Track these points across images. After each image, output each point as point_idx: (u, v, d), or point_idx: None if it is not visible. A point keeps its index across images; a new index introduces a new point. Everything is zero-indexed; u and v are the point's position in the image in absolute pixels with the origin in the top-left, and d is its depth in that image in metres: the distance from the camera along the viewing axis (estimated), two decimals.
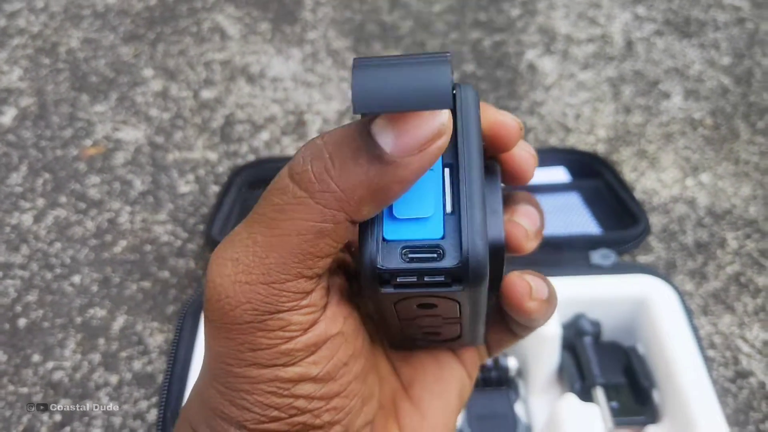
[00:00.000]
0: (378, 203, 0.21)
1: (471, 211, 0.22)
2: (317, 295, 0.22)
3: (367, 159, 0.20)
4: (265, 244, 0.21)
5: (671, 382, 0.48)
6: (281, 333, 0.22)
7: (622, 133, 0.77)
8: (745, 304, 0.61)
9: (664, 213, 0.69)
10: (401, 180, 0.20)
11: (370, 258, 0.21)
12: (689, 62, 0.86)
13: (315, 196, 0.21)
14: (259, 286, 0.21)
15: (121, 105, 0.80)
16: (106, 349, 0.59)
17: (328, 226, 0.21)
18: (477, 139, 0.23)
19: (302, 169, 0.21)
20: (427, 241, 0.22)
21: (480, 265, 0.21)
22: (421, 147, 0.20)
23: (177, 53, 0.86)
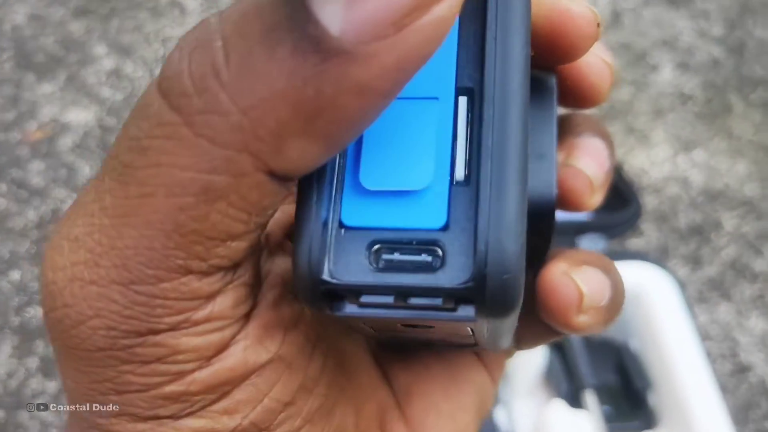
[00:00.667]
0: (319, 136, 0.12)
1: (499, 180, 0.12)
2: (227, 300, 0.14)
3: (293, 47, 0.11)
4: (117, 211, 0.13)
5: (669, 383, 0.44)
6: (162, 367, 0.13)
7: (609, 109, 0.72)
8: (743, 291, 0.57)
9: (655, 193, 0.64)
10: (363, 89, 0.11)
11: (308, 260, 0.13)
12: (678, 33, 0.81)
13: (193, 121, 0.12)
14: (113, 289, 0.13)
15: (70, 85, 0.74)
16: (45, 352, 0.53)
17: (222, 180, 0.12)
18: (522, 40, 0.13)
19: (175, 70, 0.12)
20: (416, 233, 0.13)
21: (507, 284, 0.12)
22: (399, 21, 0.11)
23: (132, 29, 0.81)
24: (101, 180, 0.13)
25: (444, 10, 0.11)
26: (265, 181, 0.12)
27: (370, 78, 0.11)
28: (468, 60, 0.13)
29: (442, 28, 0.11)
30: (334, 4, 0.11)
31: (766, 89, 0.75)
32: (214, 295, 0.13)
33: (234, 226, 0.13)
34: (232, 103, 0.11)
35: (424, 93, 0.13)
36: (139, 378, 0.13)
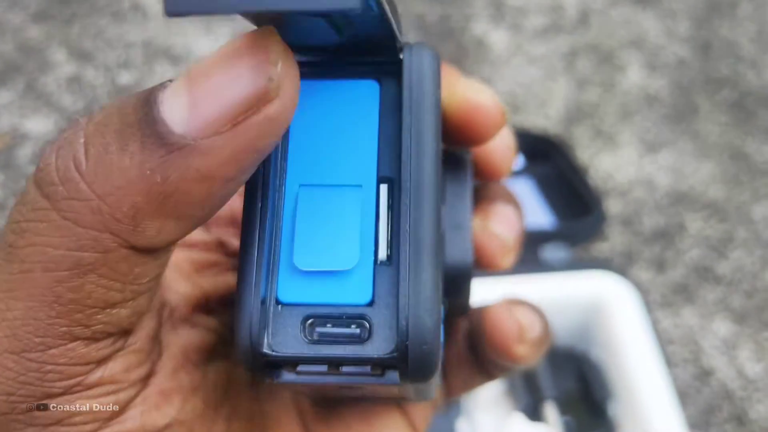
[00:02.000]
0: (172, 216, 0.13)
1: (417, 259, 0.14)
2: (119, 365, 0.15)
3: (141, 142, 0.13)
4: (3, 287, 0.14)
5: (628, 393, 0.44)
6: (62, 429, 0.14)
7: (576, 111, 0.72)
8: (706, 295, 0.58)
9: (620, 197, 0.64)
10: (204, 176, 0.13)
11: (248, 331, 0.14)
12: (645, 33, 0.81)
13: (60, 207, 0.13)
14: (6, 357, 0.14)
15: (28, 92, 0.73)
16: None
17: (90, 256, 0.13)
18: (433, 133, 0.15)
19: (45, 162, 0.13)
20: (345, 308, 0.14)
21: (426, 353, 0.14)
22: (233, 117, 0.12)
23: (93, 34, 0.79)
24: None
25: (274, 110, 0.13)
26: (129, 254, 0.14)
27: (210, 167, 0.13)
28: (387, 151, 0.15)
29: (274, 125, 0.13)
30: (177, 105, 0.13)
31: (731, 90, 0.75)
32: (105, 360, 0.15)
33: (109, 295, 0.14)
34: (91, 191, 0.13)
35: (349, 181, 0.15)
36: None
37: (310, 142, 0.15)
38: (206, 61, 0.13)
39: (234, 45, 0.13)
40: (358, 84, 0.16)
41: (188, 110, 0.12)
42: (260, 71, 0.12)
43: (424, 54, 0.15)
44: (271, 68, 0.12)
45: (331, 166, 0.15)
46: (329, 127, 0.15)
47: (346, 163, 0.15)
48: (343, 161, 0.15)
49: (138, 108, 0.13)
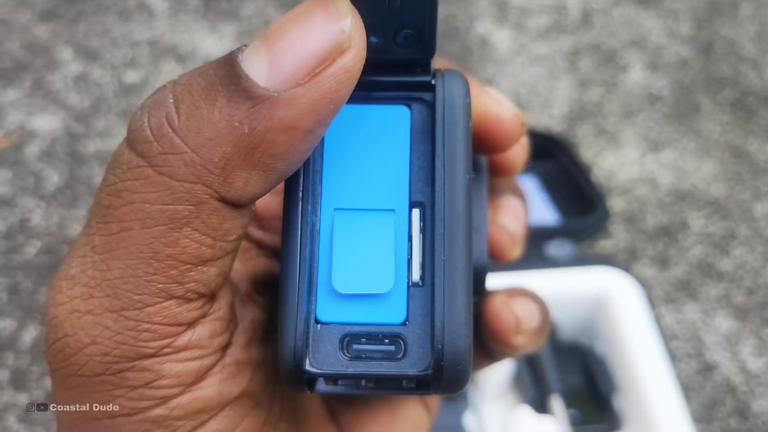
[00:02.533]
0: (260, 168, 0.14)
1: (451, 283, 0.15)
2: (205, 330, 0.16)
3: (229, 97, 0.13)
4: (104, 247, 0.14)
5: (633, 386, 0.44)
6: (148, 391, 0.15)
7: (579, 110, 0.73)
8: (709, 291, 0.58)
9: (624, 195, 0.65)
10: (288, 126, 0.14)
11: (292, 350, 0.15)
12: (647, 33, 0.82)
13: (155, 163, 0.14)
14: (106, 317, 0.15)
15: (36, 91, 0.73)
16: (16, 364, 0.53)
17: (184, 209, 0.14)
18: (465, 161, 0.15)
19: (137, 125, 0.14)
20: (381, 327, 0.15)
21: (459, 372, 0.15)
22: (311, 69, 0.13)
23: (99, 33, 0.79)
24: (90, 225, 0.15)
25: (347, 61, 0.14)
26: (220, 208, 0.14)
27: (292, 117, 0.14)
28: (419, 177, 0.16)
29: (348, 75, 0.14)
30: (258, 61, 0.13)
31: (732, 89, 0.76)
32: (193, 323, 0.15)
33: (202, 251, 0.15)
34: (184, 144, 0.14)
35: (382, 205, 0.16)
36: (129, 402, 0.15)
37: (343, 166, 0.16)
38: (281, 20, 0.14)
39: (306, 4, 0.13)
40: (390, 109, 0.16)
41: (269, 65, 0.13)
42: (332, 24, 0.13)
43: (455, 81, 0.16)
44: (342, 21, 0.13)
45: (364, 190, 0.16)
46: (362, 152, 0.16)
47: (378, 187, 0.16)
48: (375, 186, 0.16)
49: (220, 68, 0.14)
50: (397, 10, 0.15)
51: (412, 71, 0.16)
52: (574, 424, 0.45)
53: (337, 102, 0.14)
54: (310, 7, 0.13)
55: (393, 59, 0.16)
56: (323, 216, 0.16)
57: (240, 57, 0.14)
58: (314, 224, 0.16)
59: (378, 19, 0.15)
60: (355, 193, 0.16)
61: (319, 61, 0.13)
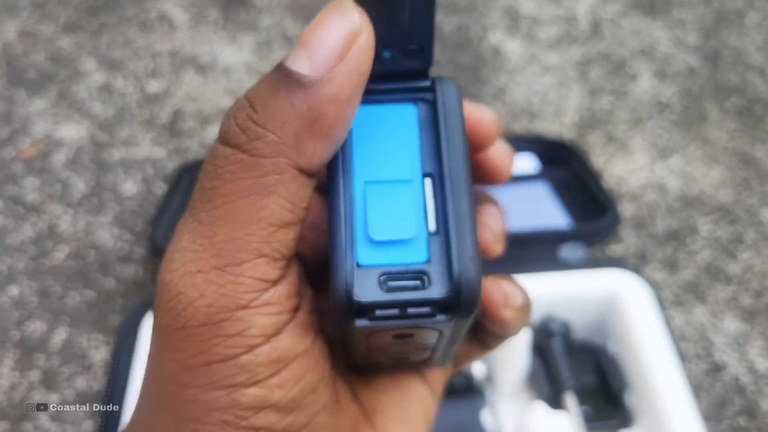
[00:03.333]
0: (321, 136, 0.19)
1: (460, 229, 0.19)
2: (283, 290, 0.19)
3: (288, 89, 0.18)
4: (210, 219, 0.19)
5: (644, 383, 0.46)
6: (240, 339, 0.19)
7: (589, 118, 0.74)
8: (717, 294, 0.60)
9: (634, 200, 0.66)
10: (333, 98, 0.18)
11: (345, 287, 0.19)
12: (655, 43, 0.83)
13: (247, 149, 0.18)
14: (212, 273, 0.18)
15: (61, 101, 0.75)
16: (47, 365, 0.55)
17: (272, 179, 0.18)
18: (462, 140, 0.20)
19: (227, 127, 0.19)
20: (409, 267, 0.19)
21: (474, 293, 0.19)
22: (339, 54, 0.18)
23: (122, 44, 0.82)
24: (195, 207, 0.19)
25: (363, 39, 0.18)
26: (297, 175, 0.19)
27: (334, 90, 0.18)
28: (427, 155, 0.20)
29: (366, 51, 0.18)
30: (300, 60, 0.18)
31: (740, 97, 0.77)
32: (275, 282, 0.19)
33: (284, 214, 0.19)
34: (265, 130, 0.18)
35: (402, 177, 0.20)
36: (224, 349, 0.19)
37: (369, 150, 0.21)
38: (308, 29, 0.18)
39: (323, 11, 0.18)
40: (401, 108, 0.21)
41: (308, 60, 0.18)
42: (346, 19, 0.18)
43: (450, 84, 0.21)
44: (352, 14, 0.18)
45: (386, 167, 0.20)
46: (382, 139, 0.21)
47: (397, 165, 0.20)
48: (395, 163, 0.20)
49: (275, 74, 0.19)
50: (406, 28, 0.19)
51: (414, 78, 0.21)
52: (586, 420, 0.47)
53: (363, 73, 0.19)
54: (327, 13, 0.18)
55: (401, 70, 0.21)
56: (356, 188, 0.20)
57: (286, 63, 0.18)
58: (350, 194, 0.20)
59: (391, 36, 0.19)
60: (380, 169, 0.20)
61: (344, 45, 0.18)
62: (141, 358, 0.46)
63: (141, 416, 0.21)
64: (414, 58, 0.20)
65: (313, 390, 0.21)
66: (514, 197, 0.61)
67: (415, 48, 0.20)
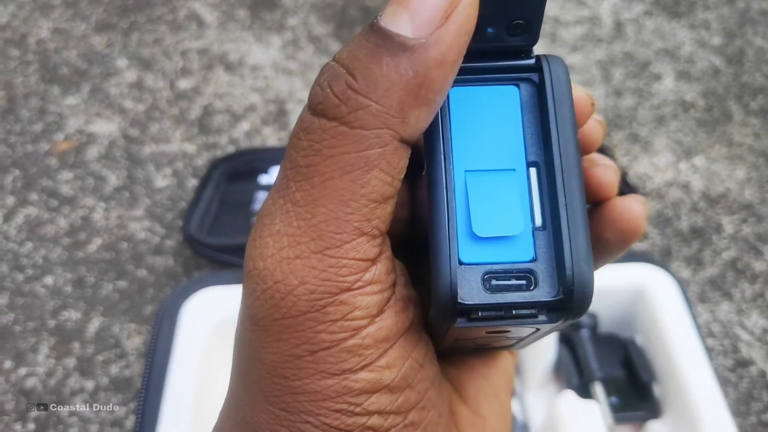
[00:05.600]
0: (426, 103, 0.17)
1: (572, 225, 0.17)
2: (383, 267, 0.18)
3: (391, 54, 0.17)
4: (307, 199, 0.17)
5: (672, 375, 0.46)
6: (345, 323, 0.17)
7: (614, 117, 0.75)
8: (743, 291, 0.60)
9: (659, 198, 0.67)
10: (440, 62, 0.17)
11: (448, 286, 0.17)
12: (680, 43, 0.83)
13: (348, 120, 0.17)
14: (313, 258, 0.17)
15: (93, 97, 0.77)
16: (82, 353, 0.56)
17: (375, 152, 0.17)
18: (572, 126, 0.18)
19: (323, 96, 0.17)
20: (514, 265, 0.18)
21: (587, 296, 0.17)
22: (445, 12, 0.17)
23: (152, 42, 0.83)
24: (287, 186, 0.18)
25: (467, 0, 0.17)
26: (399, 147, 0.17)
27: (441, 53, 0.17)
28: (532, 142, 0.19)
29: (470, 10, 0.17)
30: (401, 21, 0.17)
31: (765, 97, 0.77)
32: (375, 259, 0.18)
33: (385, 188, 0.18)
34: (368, 100, 0.17)
35: (505, 166, 0.19)
36: (330, 335, 0.17)
37: (469, 137, 0.19)
38: None
39: None
40: (502, 89, 0.19)
41: (411, 21, 0.17)
42: None
43: (559, 63, 0.19)
44: None
45: (488, 155, 0.19)
46: (482, 125, 0.19)
47: (500, 152, 0.19)
48: (497, 150, 0.19)
49: (372, 36, 0.17)
50: (514, 3, 0.18)
51: (517, 57, 0.19)
52: (614, 411, 0.47)
53: (469, 32, 0.17)
54: None
55: (503, 47, 0.19)
56: (456, 177, 0.18)
57: (383, 23, 0.17)
58: (450, 184, 0.18)
59: (498, 9, 0.18)
60: (481, 157, 0.19)
61: (447, 4, 0.17)
62: (180, 347, 0.47)
63: (245, 411, 0.19)
64: (519, 35, 0.18)
65: (421, 366, 0.19)
66: None
67: (521, 24, 0.18)
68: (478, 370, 0.24)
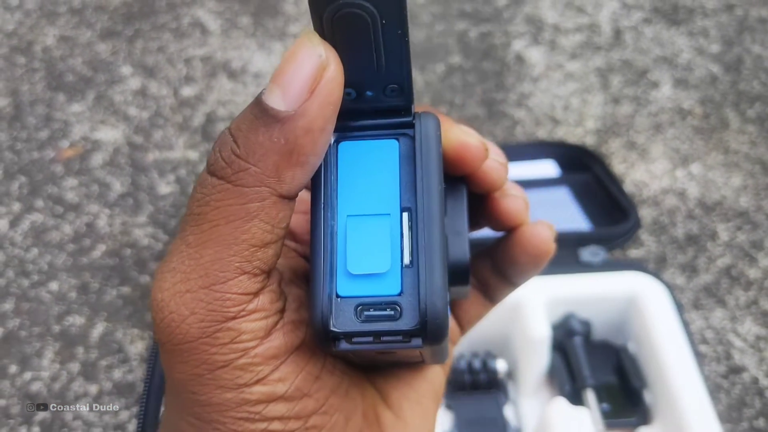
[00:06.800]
0: (299, 165, 0.20)
1: (430, 263, 0.20)
2: (266, 298, 0.21)
3: (265, 125, 0.20)
4: (197, 242, 0.20)
5: (662, 382, 0.47)
6: (234, 345, 0.20)
7: (611, 124, 0.76)
8: (737, 298, 0.60)
9: (654, 205, 0.68)
10: (307, 130, 0.20)
11: (321, 317, 0.20)
12: (678, 50, 0.84)
13: (232, 180, 0.20)
14: (200, 292, 0.20)
15: (98, 104, 0.78)
16: (86, 358, 0.57)
17: (255, 205, 0.20)
18: (437, 176, 0.21)
19: (214, 159, 0.21)
20: (383, 298, 0.20)
21: (439, 325, 0.20)
22: (309, 88, 0.19)
23: (156, 50, 0.84)
24: (184, 230, 0.21)
25: (331, 72, 0.20)
26: (278, 201, 0.20)
27: (308, 122, 0.20)
28: (406, 189, 0.21)
29: (335, 83, 0.20)
30: (275, 96, 0.20)
31: (762, 104, 0.78)
32: (258, 293, 0.21)
33: (265, 236, 0.20)
34: (248, 163, 0.20)
35: (381, 211, 0.21)
36: (223, 356, 0.20)
37: (352, 184, 0.22)
38: (280, 65, 0.20)
39: (292, 48, 0.20)
40: (384, 143, 0.22)
41: (282, 95, 0.19)
42: (313, 54, 0.19)
43: (429, 119, 0.22)
44: (318, 49, 0.20)
45: (367, 200, 0.21)
46: (365, 174, 0.22)
47: (378, 198, 0.21)
48: (375, 197, 0.21)
49: (254, 108, 0.20)
50: (383, 71, 0.21)
51: (399, 114, 0.22)
52: (606, 417, 0.48)
53: (333, 102, 0.20)
54: (295, 50, 0.20)
55: (385, 106, 0.22)
56: (339, 220, 0.21)
57: (263, 98, 0.20)
58: (333, 226, 0.21)
59: (370, 78, 0.21)
60: (361, 203, 0.21)
61: (313, 79, 0.19)
62: None
63: (172, 419, 0.22)
64: (396, 97, 0.21)
65: (317, 377, 0.22)
66: (535, 201, 0.63)
67: (396, 88, 0.21)
68: (404, 379, 0.27)
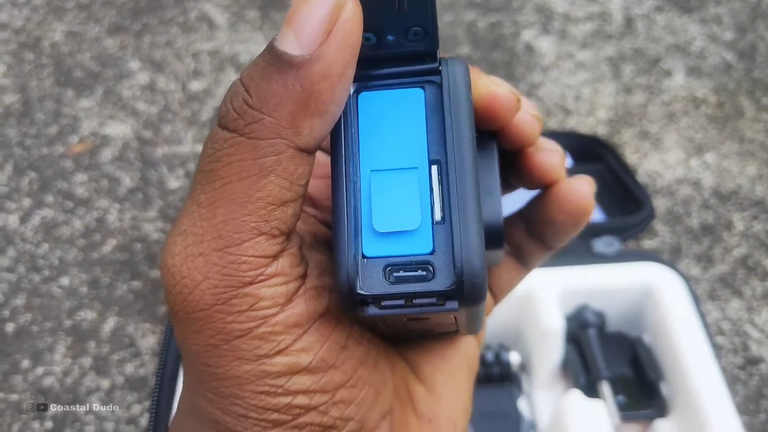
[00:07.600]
0: (318, 114, 0.18)
1: (464, 218, 0.18)
2: (286, 262, 0.19)
3: (279, 71, 0.18)
4: (209, 201, 0.19)
5: (679, 374, 0.46)
6: (252, 313, 0.19)
7: (623, 114, 0.75)
8: (754, 288, 0.60)
9: (669, 195, 0.67)
10: (325, 75, 0.18)
11: (347, 280, 0.18)
12: (690, 38, 0.83)
13: (245, 132, 0.18)
14: (213, 255, 0.19)
15: (107, 99, 0.78)
16: (97, 352, 0.57)
17: (270, 159, 0.18)
18: (468, 125, 0.19)
19: (225, 111, 0.19)
20: (414, 257, 0.19)
21: (477, 284, 0.18)
22: (325, 29, 0.18)
23: (164, 44, 0.84)
24: (195, 189, 0.19)
25: (348, 12, 0.18)
26: (296, 155, 0.19)
27: (325, 67, 0.18)
28: (434, 141, 0.20)
29: (353, 24, 0.18)
30: (288, 40, 0.18)
31: None
32: (277, 256, 0.19)
33: (282, 193, 0.19)
34: (262, 114, 0.18)
35: (407, 165, 0.20)
36: (240, 325, 0.19)
37: (375, 137, 0.20)
38: (291, 9, 0.18)
39: None
40: (408, 92, 0.20)
41: (296, 39, 0.18)
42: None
43: (456, 65, 0.20)
44: None
45: (392, 154, 0.20)
46: (389, 125, 0.20)
47: (403, 151, 0.20)
48: (401, 150, 0.20)
49: (266, 55, 0.18)
50: (405, 12, 0.19)
51: (423, 61, 0.20)
52: (621, 409, 0.47)
53: (352, 45, 0.18)
54: None
55: (407, 52, 0.20)
56: (362, 176, 0.20)
57: (275, 43, 0.18)
58: (355, 182, 0.19)
59: (391, 20, 0.19)
60: (386, 157, 0.20)
61: (329, 20, 0.18)
62: None
63: (187, 395, 0.21)
64: (419, 41, 0.20)
65: (343, 347, 0.21)
66: None
67: (420, 30, 0.19)
68: (436, 351, 0.25)
